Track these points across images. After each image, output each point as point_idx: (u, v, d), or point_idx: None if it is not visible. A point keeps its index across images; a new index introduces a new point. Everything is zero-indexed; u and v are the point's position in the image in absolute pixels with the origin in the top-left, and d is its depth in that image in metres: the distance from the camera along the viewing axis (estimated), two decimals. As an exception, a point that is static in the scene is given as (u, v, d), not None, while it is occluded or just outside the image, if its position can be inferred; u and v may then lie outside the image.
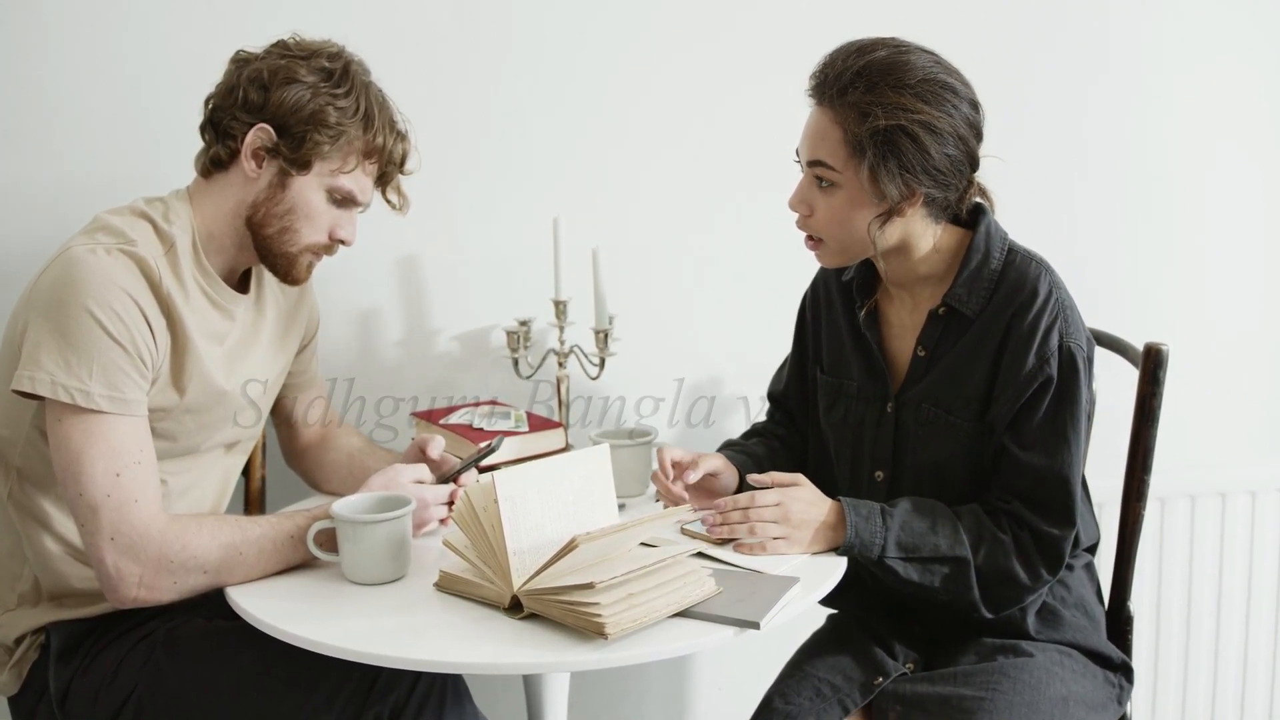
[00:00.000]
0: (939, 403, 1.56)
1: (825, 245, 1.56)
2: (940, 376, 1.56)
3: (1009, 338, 1.50)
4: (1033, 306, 1.49)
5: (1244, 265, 2.38)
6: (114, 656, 1.47)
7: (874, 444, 1.63)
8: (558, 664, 1.24)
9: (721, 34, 2.11)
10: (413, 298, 2.06)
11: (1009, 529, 1.50)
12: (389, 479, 1.53)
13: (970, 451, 1.55)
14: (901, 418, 1.60)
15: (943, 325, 1.56)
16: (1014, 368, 1.49)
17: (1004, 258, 1.54)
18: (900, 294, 1.63)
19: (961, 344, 1.55)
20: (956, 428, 1.54)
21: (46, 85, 1.84)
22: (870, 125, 1.44)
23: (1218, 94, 2.31)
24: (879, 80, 1.45)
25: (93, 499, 1.36)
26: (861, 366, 1.66)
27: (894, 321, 1.64)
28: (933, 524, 1.50)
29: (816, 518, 1.50)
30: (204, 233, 1.52)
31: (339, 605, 1.37)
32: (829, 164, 1.49)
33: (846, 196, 1.50)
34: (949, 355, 1.56)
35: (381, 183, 1.60)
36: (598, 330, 2.00)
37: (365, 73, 1.56)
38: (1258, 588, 2.33)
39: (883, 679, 1.53)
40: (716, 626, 1.28)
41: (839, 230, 1.52)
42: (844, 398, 1.68)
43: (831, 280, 1.73)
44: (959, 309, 1.54)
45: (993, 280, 1.53)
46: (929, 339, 1.58)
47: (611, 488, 1.45)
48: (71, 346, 1.36)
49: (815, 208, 1.53)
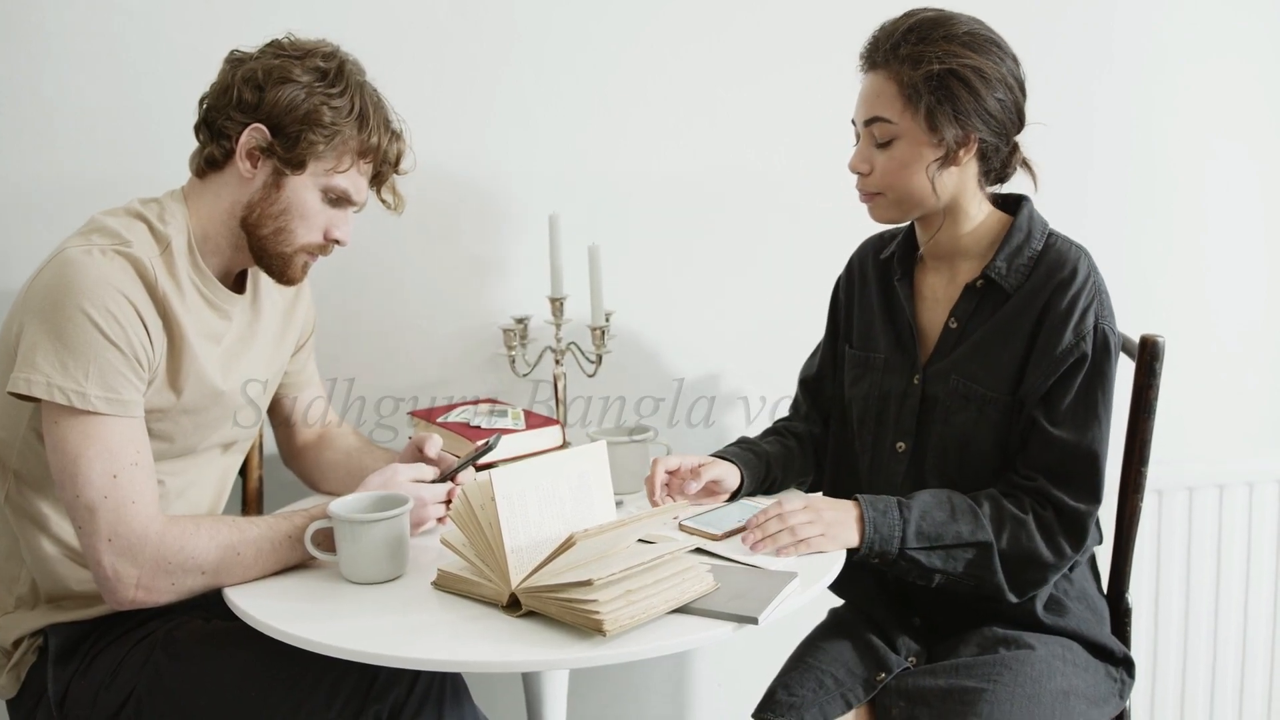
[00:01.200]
0: (968, 375, 1.58)
1: (883, 198, 1.59)
2: (971, 350, 1.58)
3: (1046, 314, 1.53)
4: (1072, 285, 1.52)
5: (1244, 259, 2.39)
6: (112, 658, 1.47)
7: (899, 415, 1.64)
8: (556, 661, 1.24)
9: (720, 32, 2.11)
10: (410, 295, 2.06)
11: (1030, 509, 1.52)
12: (386, 478, 1.53)
13: (996, 426, 1.56)
14: (929, 389, 1.62)
15: (977, 299, 1.59)
16: (1050, 343, 1.52)
17: (1044, 240, 1.58)
18: (938, 266, 1.66)
19: (996, 318, 1.57)
20: (984, 400, 1.56)
21: (42, 84, 1.84)
22: (924, 70, 1.49)
23: (1219, 90, 2.31)
24: (929, 32, 1.52)
25: (90, 501, 1.36)
26: (890, 338, 1.69)
27: (928, 294, 1.67)
28: (951, 512, 1.51)
29: (843, 516, 1.51)
30: (199, 233, 1.52)
31: (337, 605, 1.37)
32: (886, 117, 1.53)
33: (905, 146, 1.54)
34: (982, 329, 1.58)
35: (376, 182, 1.60)
36: (594, 327, 2.00)
37: (360, 72, 1.55)
38: (1255, 579, 2.33)
39: (885, 675, 1.53)
40: (715, 622, 1.28)
41: (898, 180, 1.56)
42: (871, 370, 1.70)
43: (868, 258, 1.77)
44: (998, 282, 1.57)
45: (1033, 258, 1.57)
46: (962, 311, 1.61)
47: (609, 485, 1.45)
48: (67, 348, 1.36)
49: (875, 164, 1.57)
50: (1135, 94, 2.27)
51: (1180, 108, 2.30)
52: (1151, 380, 1.61)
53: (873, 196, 1.60)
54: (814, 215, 2.16)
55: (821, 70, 2.09)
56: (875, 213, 1.62)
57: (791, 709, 1.50)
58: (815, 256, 1.98)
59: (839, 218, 1.79)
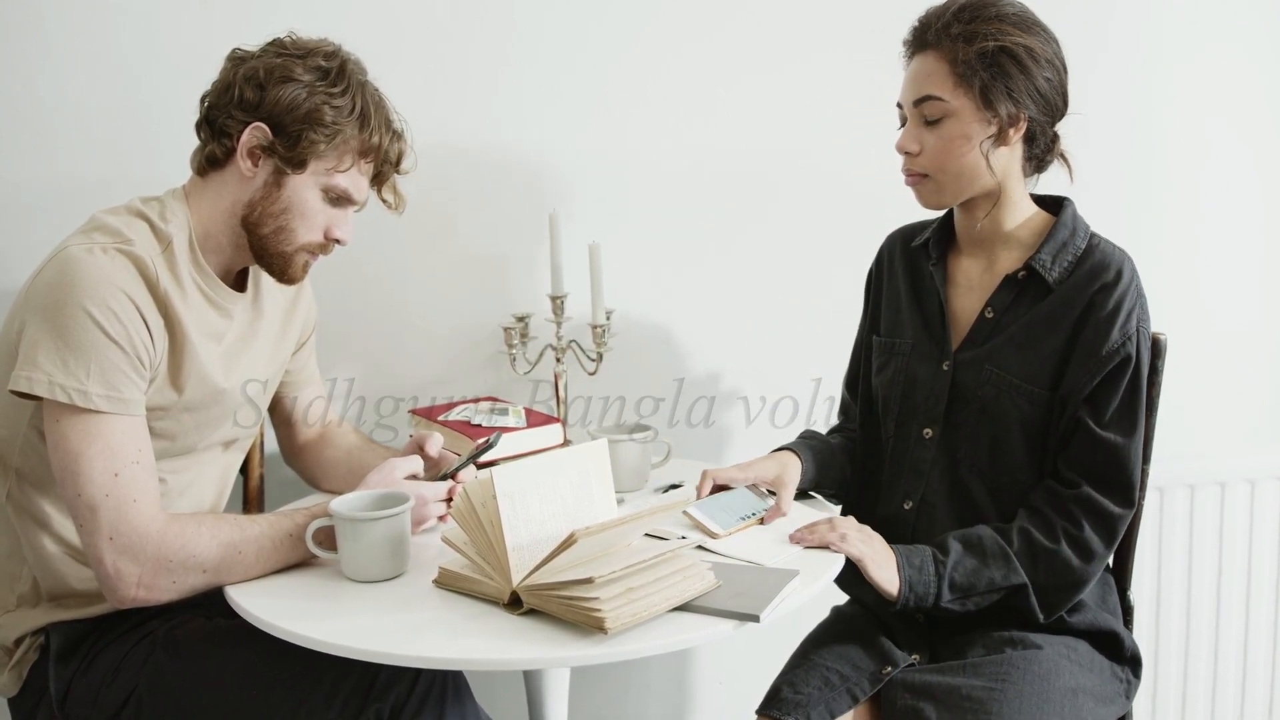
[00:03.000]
0: (1003, 365, 1.57)
1: (930, 180, 1.58)
2: (1008, 341, 1.57)
3: (1091, 312, 1.52)
4: (1118, 286, 1.52)
5: (1242, 256, 2.39)
6: (114, 656, 1.47)
7: (927, 400, 1.64)
8: (558, 659, 1.24)
9: (720, 30, 2.11)
10: (410, 294, 2.06)
11: (1062, 533, 1.52)
12: (384, 475, 1.53)
13: (1029, 419, 1.56)
14: (959, 375, 1.61)
15: (1017, 290, 1.59)
16: (1095, 342, 1.51)
17: (1088, 240, 1.58)
18: (975, 253, 1.65)
19: (1036, 311, 1.56)
20: (1019, 392, 1.55)
21: (42, 84, 1.84)
22: (979, 47, 1.50)
23: (1215, 84, 2.31)
24: (979, 12, 1.52)
25: (91, 499, 1.36)
26: (918, 324, 1.68)
27: (961, 281, 1.66)
28: (983, 557, 1.52)
29: (889, 559, 1.51)
30: (200, 231, 1.52)
31: (338, 603, 1.37)
32: (937, 95, 1.53)
33: (957, 124, 1.53)
34: (1020, 321, 1.57)
35: (377, 182, 1.60)
36: (595, 325, 2.00)
37: (361, 71, 1.55)
38: (1257, 576, 2.33)
39: (891, 668, 1.53)
40: (716, 620, 1.28)
41: (949, 159, 1.55)
42: (896, 356, 1.69)
43: (896, 247, 1.77)
44: (1042, 274, 1.56)
45: (1077, 254, 1.56)
46: (1000, 301, 1.60)
47: (610, 482, 1.45)
48: (69, 346, 1.36)
49: (924, 144, 1.56)
50: (1133, 89, 2.27)
51: (1178, 102, 2.30)
52: (1154, 378, 1.61)
53: (920, 179, 1.59)
54: (815, 214, 2.16)
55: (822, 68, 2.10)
56: (922, 197, 1.61)
57: (797, 706, 1.49)
58: (816, 255, 1.99)
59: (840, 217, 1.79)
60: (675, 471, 1.84)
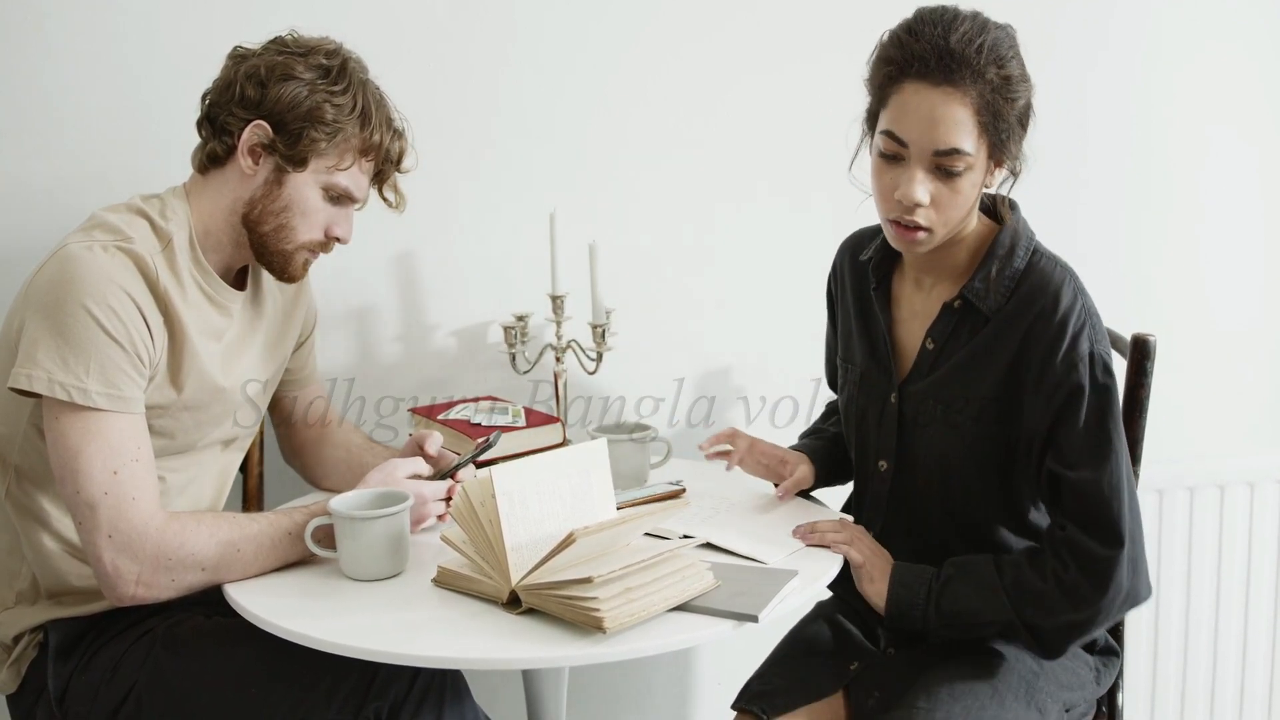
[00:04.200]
0: (946, 400, 1.50)
1: (931, 235, 1.44)
2: (949, 373, 1.50)
3: (1030, 343, 1.43)
4: (1056, 312, 1.42)
5: (1242, 256, 2.38)
6: (113, 654, 1.47)
7: (878, 433, 1.58)
8: (556, 659, 1.24)
9: (720, 29, 2.11)
10: (410, 294, 2.06)
11: (1051, 574, 1.41)
12: (385, 474, 1.53)
13: (976, 452, 1.49)
14: (905, 409, 1.54)
15: (956, 319, 1.50)
16: (1040, 379, 1.42)
17: (1028, 258, 1.47)
18: (919, 278, 1.56)
19: (976, 342, 1.48)
20: (961, 428, 1.49)
21: (43, 81, 1.84)
22: (1016, 102, 1.39)
23: (1216, 84, 2.31)
24: (1004, 53, 1.39)
25: (90, 497, 1.36)
26: (865, 352, 1.61)
27: (904, 309, 1.58)
28: (974, 588, 1.45)
29: (884, 571, 1.49)
30: (201, 229, 1.52)
31: (337, 601, 1.37)
32: (965, 150, 1.38)
33: (973, 177, 1.42)
34: (961, 352, 1.49)
35: (378, 180, 1.60)
36: (594, 325, 2.00)
37: (363, 70, 1.55)
38: (1256, 579, 2.33)
39: (857, 664, 1.53)
40: (715, 620, 1.28)
41: (959, 214, 1.44)
42: (849, 383, 1.63)
43: (846, 259, 1.68)
44: (975, 304, 1.47)
45: (1014, 279, 1.46)
46: (939, 332, 1.51)
47: (609, 482, 1.45)
48: (69, 344, 1.36)
49: (938, 198, 1.41)
50: (1132, 87, 2.27)
51: (1177, 101, 2.30)
52: (1142, 379, 1.59)
53: (918, 232, 1.43)
54: (815, 214, 2.16)
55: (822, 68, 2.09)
56: (917, 249, 1.46)
57: (761, 697, 1.50)
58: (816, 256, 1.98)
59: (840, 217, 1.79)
60: (675, 471, 1.84)
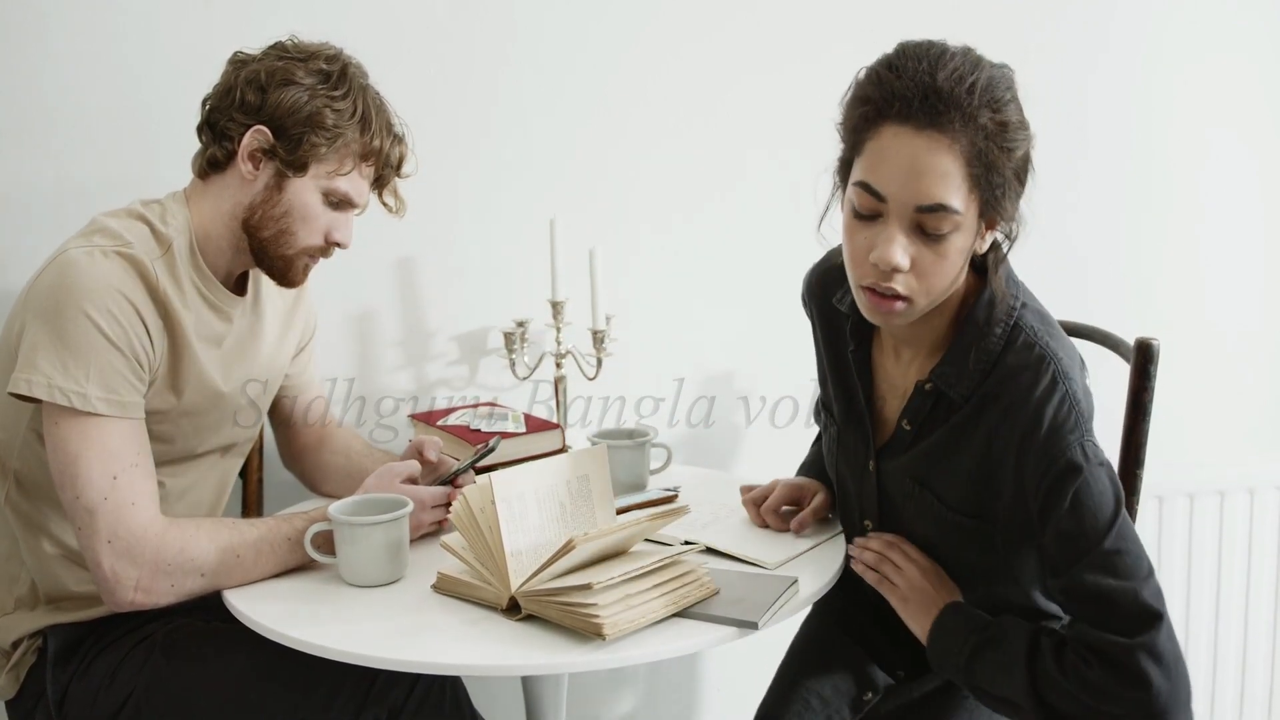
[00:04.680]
0: (927, 484, 1.38)
1: (911, 306, 1.27)
2: (927, 457, 1.37)
3: (997, 441, 1.28)
4: (1028, 402, 1.24)
5: (1243, 261, 2.39)
6: (112, 660, 1.47)
7: (859, 494, 1.48)
8: (556, 665, 1.24)
9: (719, 34, 2.11)
10: (410, 299, 2.06)
11: (1070, 671, 1.22)
12: (382, 479, 1.53)
13: (961, 539, 1.37)
14: (884, 482, 1.44)
15: (931, 402, 1.36)
16: (1020, 484, 1.26)
17: (1006, 335, 1.29)
18: (899, 349, 1.43)
19: (952, 424, 1.34)
20: (945, 518, 1.37)
21: (44, 86, 1.84)
22: (1020, 154, 1.22)
23: (1216, 87, 2.31)
24: (1000, 94, 1.21)
25: (89, 502, 1.36)
26: (842, 409, 1.48)
27: (883, 381, 1.44)
28: (1005, 668, 1.27)
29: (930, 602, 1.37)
30: (201, 235, 1.52)
31: (337, 607, 1.37)
32: (953, 208, 1.20)
33: (962, 239, 1.23)
34: (937, 434, 1.36)
35: (378, 186, 1.60)
36: (595, 331, 2.00)
37: (363, 75, 1.55)
38: (1256, 585, 2.33)
39: (872, 694, 1.50)
40: (714, 627, 1.28)
41: (943, 283, 1.26)
42: (827, 431, 1.54)
43: (815, 301, 1.54)
44: (946, 391, 1.33)
45: (989, 362, 1.29)
46: (915, 413, 1.38)
47: (609, 488, 1.45)
48: (69, 349, 1.36)
49: (920, 263, 1.23)
50: (1133, 89, 2.27)
51: (1178, 104, 2.30)
52: (1146, 383, 1.58)
53: (896, 302, 1.26)
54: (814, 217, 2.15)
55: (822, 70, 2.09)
56: (894, 320, 1.28)
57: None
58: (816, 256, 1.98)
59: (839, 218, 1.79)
60: (675, 477, 1.84)
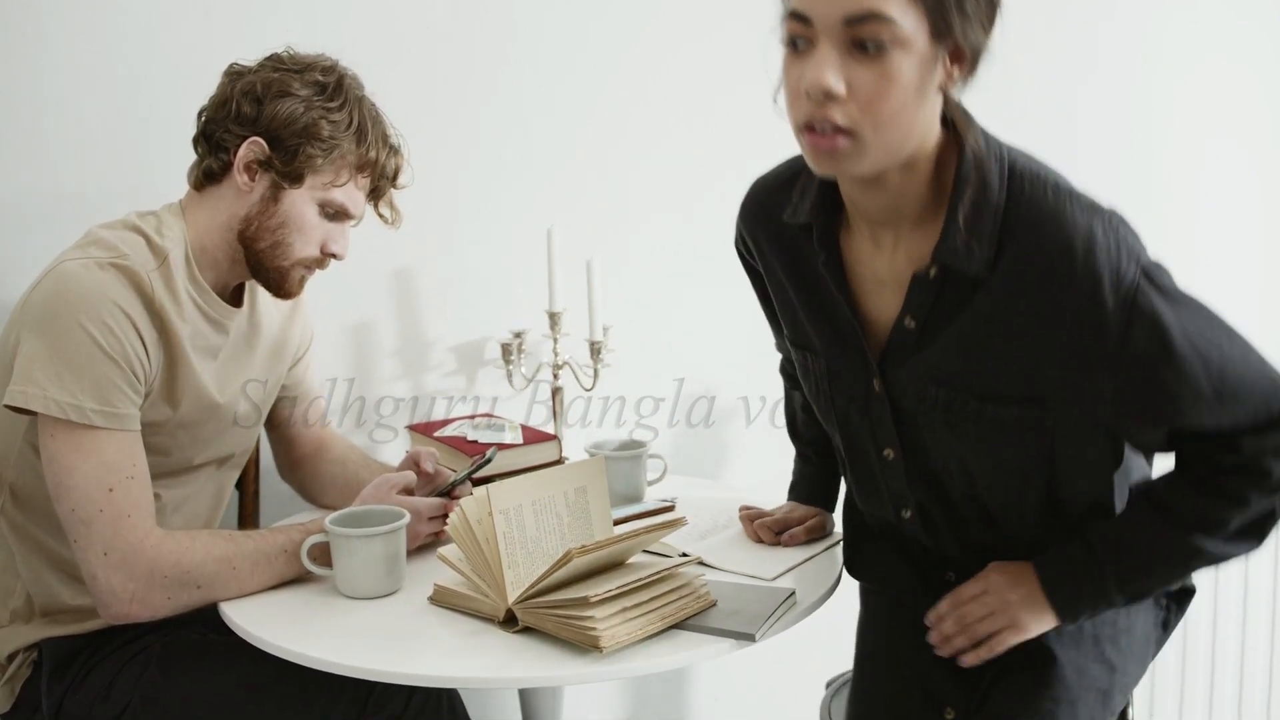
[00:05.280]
0: (951, 383, 1.19)
1: (855, 143, 1.10)
2: (946, 351, 1.19)
3: (1049, 310, 1.12)
4: (1073, 255, 1.10)
5: (1241, 265, 2.38)
6: (108, 672, 1.46)
7: (871, 425, 1.28)
8: (553, 678, 1.24)
9: (716, 42, 2.11)
10: (407, 310, 2.06)
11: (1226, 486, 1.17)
12: (378, 490, 1.53)
13: (1001, 441, 1.19)
14: (896, 398, 1.24)
15: (936, 289, 1.18)
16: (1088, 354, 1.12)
17: (1005, 188, 1.14)
18: (876, 234, 1.23)
19: (974, 309, 1.16)
20: (978, 414, 1.19)
21: (41, 97, 1.83)
22: None
23: (1214, 91, 2.31)
24: None
25: (85, 514, 1.35)
26: (826, 338, 1.29)
27: (866, 278, 1.25)
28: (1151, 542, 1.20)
29: (1029, 591, 1.24)
30: (197, 246, 1.52)
31: (333, 619, 1.36)
32: (887, 15, 1.06)
33: (906, 60, 1.08)
34: (954, 325, 1.18)
35: (374, 197, 1.60)
36: (592, 342, 2.00)
37: (359, 87, 1.56)
38: (1253, 593, 2.33)
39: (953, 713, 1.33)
40: (712, 639, 1.27)
41: (893, 111, 1.09)
42: (812, 374, 1.33)
43: (760, 229, 1.34)
44: (960, 269, 1.15)
45: (997, 218, 1.13)
46: (918, 307, 1.19)
47: (607, 500, 1.45)
48: (64, 362, 1.36)
49: (858, 86, 1.08)
50: (1132, 90, 2.27)
51: (1176, 108, 2.30)
52: None
53: (841, 139, 1.10)
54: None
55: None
56: (842, 165, 1.12)
57: None
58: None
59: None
60: (671, 488, 1.84)
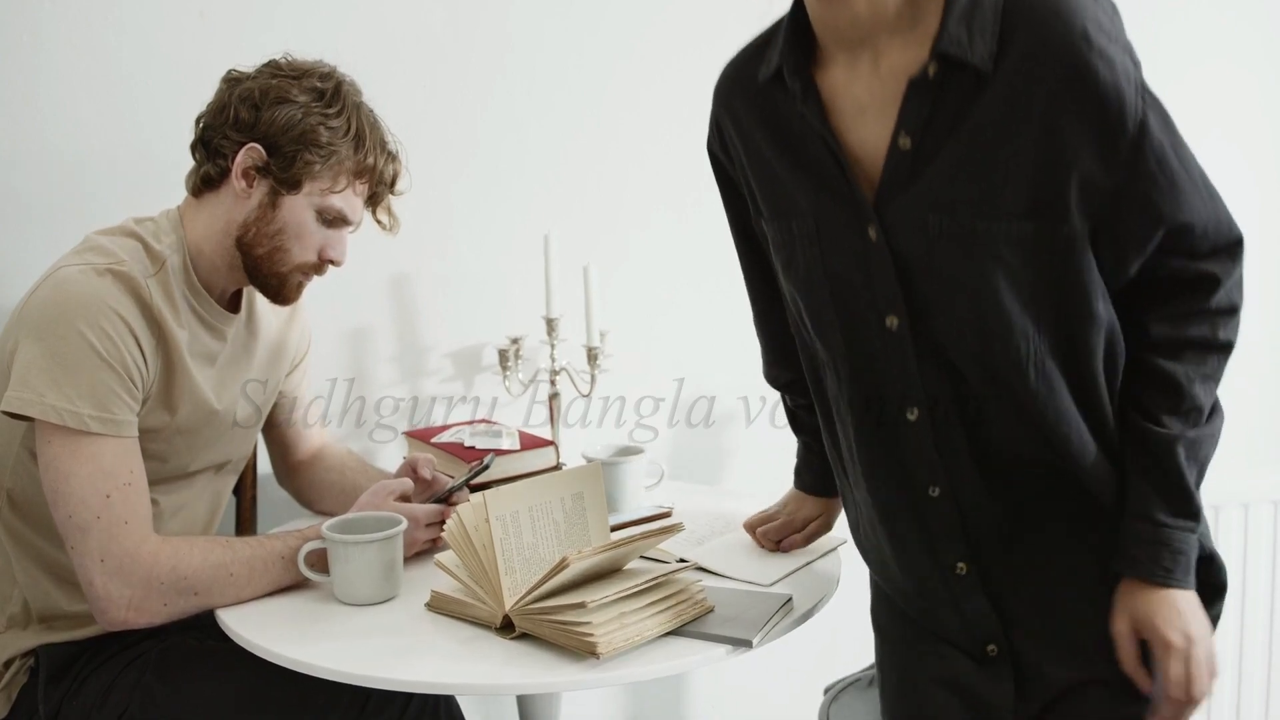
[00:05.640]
0: (956, 209, 1.09)
1: None
2: (946, 172, 1.09)
3: (1064, 103, 1.05)
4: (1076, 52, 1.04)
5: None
6: (104, 679, 1.46)
7: (869, 286, 1.15)
8: (550, 684, 1.24)
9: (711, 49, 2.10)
10: (405, 315, 2.06)
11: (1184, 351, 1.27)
12: (375, 497, 1.53)
13: (1019, 263, 1.09)
14: (896, 243, 1.12)
15: (933, 95, 1.08)
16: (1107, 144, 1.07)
17: None
18: (852, 55, 1.14)
19: (977, 118, 1.07)
20: (990, 237, 1.08)
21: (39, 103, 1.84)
22: None
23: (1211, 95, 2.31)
24: None
25: (82, 520, 1.35)
26: (808, 189, 1.18)
27: (846, 105, 1.14)
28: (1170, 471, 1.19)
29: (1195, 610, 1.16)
30: (195, 252, 1.52)
31: (330, 626, 1.36)
32: None
33: None
34: (954, 139, 1.09)
35: (372, 203, 1.60)
36: (589, 348, 2.00)
37: (357, 93, 1.56)
38: (1251, 601, 2.33)
39: None
40: (709, 645, 1.27)
41: None
42: (799, 243, 1.20)
43: (735, 99, 1.27)
44: (964, 59, 1.05)
45: (996, 10, 1.05)
46: (914, 120, 1.09)
47: (604, 506, 1.45)
48: (62, 367, 1.36)
49: None
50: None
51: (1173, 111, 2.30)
52: None
53: None
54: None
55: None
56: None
57: None
58: None
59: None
60: (668, 493, 1.84)
